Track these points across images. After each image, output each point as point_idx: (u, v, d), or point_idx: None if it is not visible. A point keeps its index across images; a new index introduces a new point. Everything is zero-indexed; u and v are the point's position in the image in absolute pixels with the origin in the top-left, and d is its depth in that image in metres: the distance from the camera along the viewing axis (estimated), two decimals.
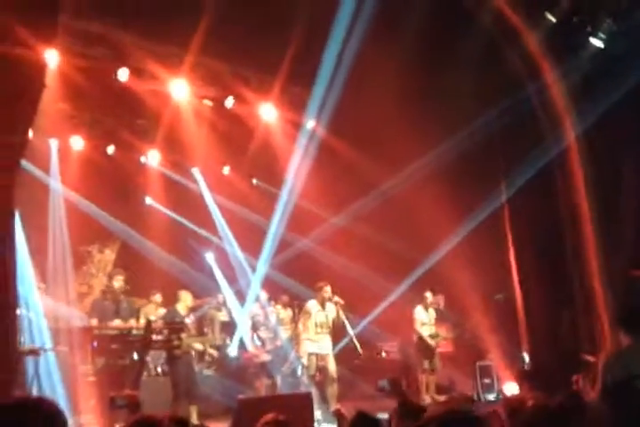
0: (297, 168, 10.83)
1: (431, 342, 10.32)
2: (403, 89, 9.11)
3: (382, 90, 9.82)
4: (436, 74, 9.30)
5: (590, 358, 7.69)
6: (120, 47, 9.66)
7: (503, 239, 10.63)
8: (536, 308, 10.52)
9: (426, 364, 10.33)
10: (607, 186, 8.53)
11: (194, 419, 7.97)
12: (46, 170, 10.42)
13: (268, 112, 11.10)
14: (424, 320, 10.40)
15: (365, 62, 9.07)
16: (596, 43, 7.93)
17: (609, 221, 8.88)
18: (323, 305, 9.41)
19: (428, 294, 10.56)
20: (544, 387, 7.29)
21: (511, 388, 10.00)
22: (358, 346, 9.41)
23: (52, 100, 9.19)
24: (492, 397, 10.08)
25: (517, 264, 10.62)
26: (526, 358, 10.85)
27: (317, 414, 8.01)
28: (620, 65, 7.92)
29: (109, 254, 11.71)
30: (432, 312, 10.61)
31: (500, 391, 10.10)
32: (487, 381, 10.53)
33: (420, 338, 10.33)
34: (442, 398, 9.63)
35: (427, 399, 9.71)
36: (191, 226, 12.09)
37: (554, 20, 8.05)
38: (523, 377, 10.15)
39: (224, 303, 10.98)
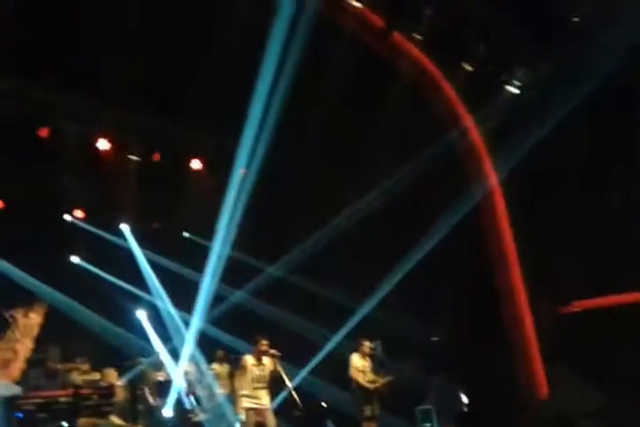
0: (228, 219, 10.57)
1: (370, 386, 10.02)
2: (329, 137, 9.10)
3: (309, 137, 9.83)
4: (362, 122, 9.36)
5: None
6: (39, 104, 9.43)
7: (436, 282, 10.60)
8: (470, 349, 10.46)
9: (367, 411, 10.00)
10: (533, 227, 8.63)
11: None
12: None
13: (196, 165, 10.91)
14: (360, 367, 10.09)
15: (292, 110, 9.02)
16: (512, 90, 8.10)
17: (536, 260, 8.96)
18: (259, 359, 9.03)
19: (366, 342, 10.31)
20: None
21: None
22: (297, 398, 9.03)
23: None
24: None
25: (451, 307, 10.59)
26: (465, 399, 10.71)
27: None
28: (535, 110, 8.10)
29: (35, 318, 10.98)
30: (369, 359, 10.36)
31: None
32: (427, 425, 10.29)
33: (358, 385, 9.98)
34: None
35: None
36: (121, 283, 11.60)
37: (469, 68, 8.19)
38: (462, 419, 9.99)
39: (159, 363, 10.44)
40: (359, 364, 10.13)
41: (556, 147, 8.12)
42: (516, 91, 8.12)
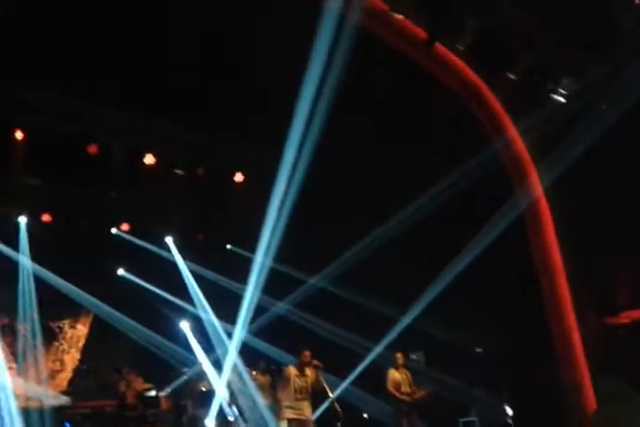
0: (271, 231, 10.59)
1: (406, 398, 9.93)
2: (373, 148, 9.06)
3: (352, 148, 9.82)
4: (406, 133, 9.32)
5: None
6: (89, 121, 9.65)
7: (481, 293, 10.43)
8: (516, 360, 10.27)
9: (404, 424, 9.92)
10: (579, 237, 8.44)
11: None
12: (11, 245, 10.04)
13: (239, 178, 11.00)
14: (397, 380, 10.06)
15: (335, 122, 9.03)
16: (558, 99, 7.95)
17: (583, 270, 8.77)
18: (301, 370, 9.01)
19: (399, 355, 10.28)
20: None
21: None
22: (339, 409, 8.96)
23: (21, 175, 8.98)
24: None
25: (496, 318, 10.41)
26: (509, 411, 10.51)
27: None
28: (580, 120, 7.94)
29: (81, 329, 11.20)
30: (406, 372, 10.27)
31: None
32: None
33: (395, 397, 9.95)
34: None
35: None
36: (165, 295, 11.69)
37: (514, 78, 8.06)
38: None
39: (202, 373, 10.49)
40: (395, 377, 10.10)
41: (602, 157, 7.95)
42: (562, 100, 7.97)
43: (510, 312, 10.24)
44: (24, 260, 10.09)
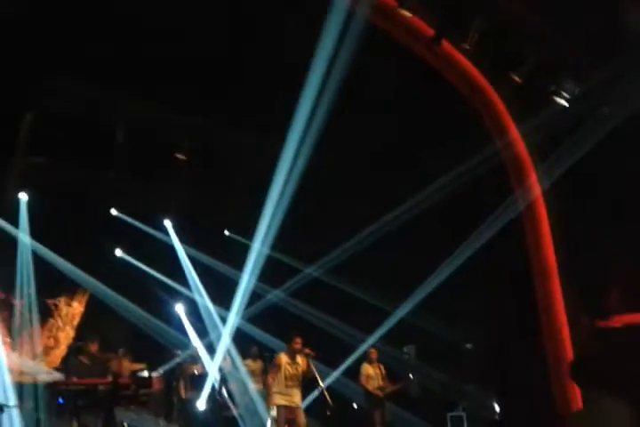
0: (269, 219, 10.83)
1: (378, 393, 10.39)
2: (377, 146, 9.26)
3: (355, 139, 10.01)
4: (409, 127, 9.50)
5: None
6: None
7: (474, 290, 10.67)
8: (507, 358, 10.51)
9: (376, 416, 10.37)
10: (574, 239, 8.65)
11: None
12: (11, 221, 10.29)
13: (240, 165, 11.18)
14: (370, 374, 10.50)
15: (339, 112, 9.22)
16: (561, 102, 8.14)
17: (576, 273, 8.98)
18: (293, 357, 9.28)
19: (372, 350, 10.74)
20: None
21: None
22: (329, 398, 9.25)
23: (24, 153, 9.20)
24: None
25: (488, 316, 10.65)
26: (497, 408, 10.73)
27: None
28: (583, 123, 8.13)
29: (77, 307, 11.47)
30: (379, 366, 10.68)
31: None
32: None
33: (367, 391, 10.42)
34: None
35: None
36: (161, 278, 11.94)
37: (518, 79, 8.25)
38: None
39: (196, 356, 10.76)
40: (369, 371, 10.45)
41: (601, 160, 8.15)
42: (565, 103, 8.14)
43: (503, 311, 10.46)
44: (24, 237, 10.32)
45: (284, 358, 9.30)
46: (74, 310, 11.35)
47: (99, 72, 9.16)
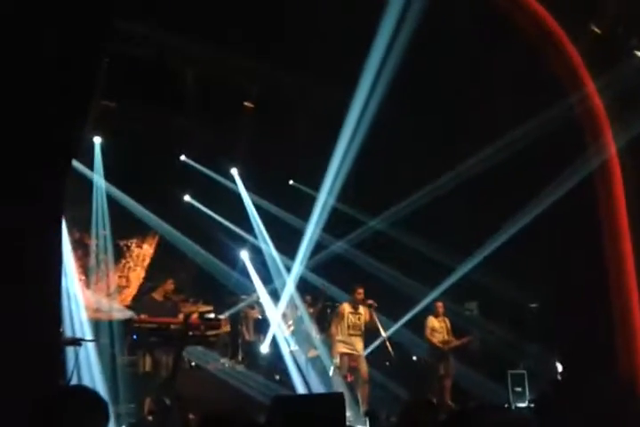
0: (336, 170, 11.26)
1: (442, 346, 10.83)
2: (443, 98, 9.44)
3: (423, 92, 10.24)
4: (478, 78, 9.66)
5: None
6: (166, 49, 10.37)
7: (542, 249, 10.89)
8: (573, 319, 10.73)
9: (441, 369, 10.81)
10: None
11: None
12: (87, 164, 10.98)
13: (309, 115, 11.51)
14: (435, 328, 10.94)
15: (406, 64, 9.45)
16: None
17: None
18: (355, 307, 9.91)
19: (439, 304, 11.14)
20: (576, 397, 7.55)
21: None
22: (391, 349, 9.90)
23: (98, 97, 9.81)
24: (523, 404, 10.37)
25: (555, 276, 10.85)
26: (559, 368, 11.09)
27: (348, 415, 8.21)
28: None
29: (147, 249, 12.28)
30: (444, 320, 11.11)
31: (532, 400, 10.41)
32: (519, 389, 10.88)
33: (432, 345, 10.88)
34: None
35: (440, 405, 10.01)
36: (227, 224, 12.51)
37: (598, 30, 8.32)
38: (555, 387, 10.41)
39: (259, 302, 11.46)
40: (434, 324, 10.90)
41: None
42: None
43: (571, 272, 10.63)
44: (98, 179, 10.99)
45: (346, 307, 9.96)
46: (144, 251, 12.17)
47: (171, 16, 9.66)
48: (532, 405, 10.31)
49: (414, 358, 11.84)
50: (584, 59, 8.54)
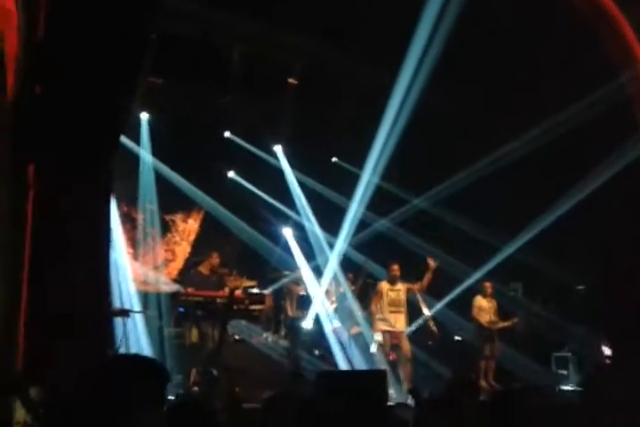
0: (380, 149, 11.28)
1: (489, 326, 10.85)
2: (494, 76, 9.36)
3: (471, 72, 10.17)
4: (528, 57, 9.55)
5: None
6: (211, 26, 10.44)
7: (590, 231, 10.79)
8: (621, 302, 10.65)
9: (486, 350, 10.85)
10: None
11: None
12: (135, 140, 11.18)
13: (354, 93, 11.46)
14: (483, 307, 10.95)
15: (453, 43, 9.40)
16: None
17: None
18: (393, 283, 9.99)
19: (487, 284, 11.12)
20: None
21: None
22: (434, 327, 9.97)
23: (146, 74, 9.98)
24: (568, 387, 10.30)
25: (603, 258, 10.76)
26: (607, 351, 11.02)
27: (391, 392, 8.17)
28: None
29: (192, 224, 12.50)
30: (492, 301, 11.11)
31: (577, 383, 10.35)
32: (563, 372, 10.90)
33: (479, 325, 10.89)
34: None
35: (484, 386, 10.10)
36: (271, 201, 12.64)
37: None
38: (601, 370, 10.34)
39: (302, 278, 11.61)
40: (482, 304, 10.91)
41: None
42: None
43: (617, 253, 10.53)
44: (145, 154, 11.20)
45: (385, 285, 10.06)
46: (190, 226, 12.40)
47: None
48: (577, 388, 10.25)
49: (457, 338, 11.85)
50: (637, 34, 8.36)
